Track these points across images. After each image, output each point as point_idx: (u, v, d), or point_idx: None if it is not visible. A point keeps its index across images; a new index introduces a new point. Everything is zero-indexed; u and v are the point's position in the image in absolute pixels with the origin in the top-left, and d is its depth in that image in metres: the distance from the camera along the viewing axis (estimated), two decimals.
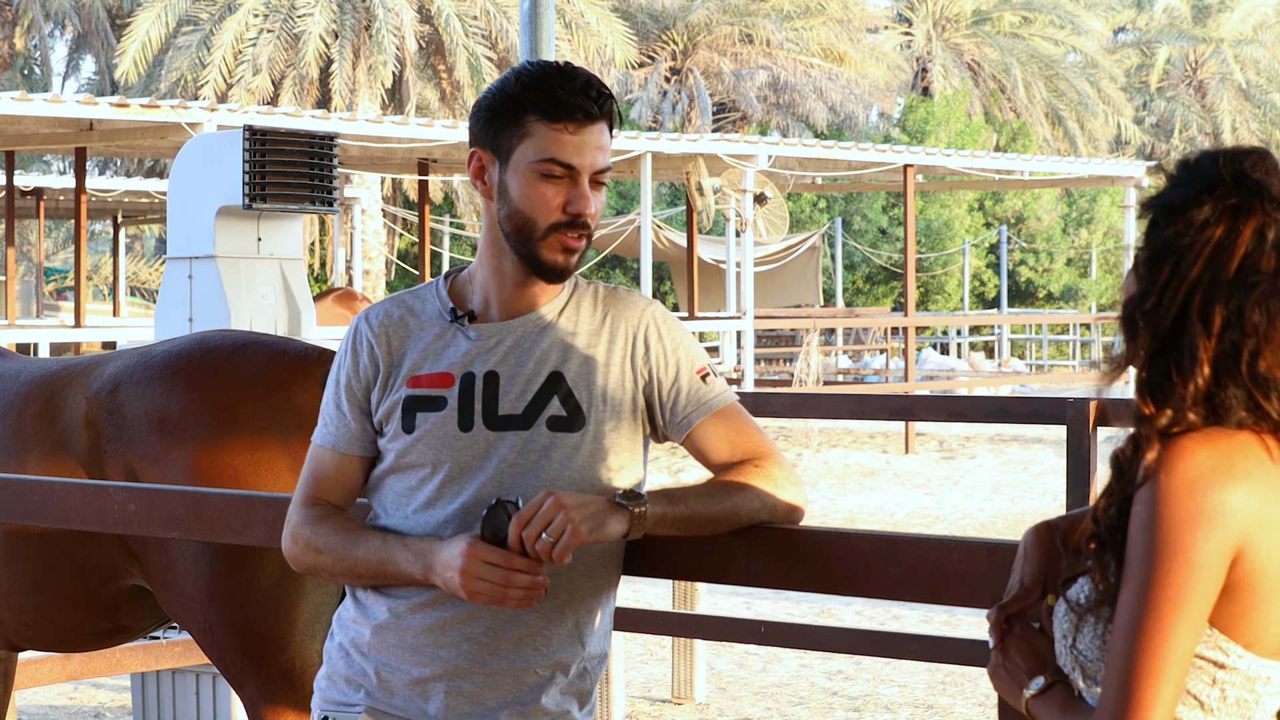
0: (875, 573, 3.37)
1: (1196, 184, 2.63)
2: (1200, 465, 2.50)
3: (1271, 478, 2.53)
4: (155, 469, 5.30)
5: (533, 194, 3.47)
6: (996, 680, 2.79)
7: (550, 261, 3.50)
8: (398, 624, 3.51)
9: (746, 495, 3.47)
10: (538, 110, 3.46)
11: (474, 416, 3.50)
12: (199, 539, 4.28)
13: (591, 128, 3.48)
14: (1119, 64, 60.46)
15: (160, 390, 5.37)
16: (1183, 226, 2.61)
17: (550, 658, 3.52)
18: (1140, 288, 2.64)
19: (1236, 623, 2.54)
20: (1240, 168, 2.63)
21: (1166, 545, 2.48)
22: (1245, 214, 2.59)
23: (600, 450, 3.52)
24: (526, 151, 3.47)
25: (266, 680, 5.31)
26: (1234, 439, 2.53)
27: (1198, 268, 2.58)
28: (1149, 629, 2.48)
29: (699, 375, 3.58)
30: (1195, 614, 2.48)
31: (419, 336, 3.57)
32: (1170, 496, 2.49)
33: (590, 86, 3.49)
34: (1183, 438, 2.53)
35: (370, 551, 3.48)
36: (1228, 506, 2.48)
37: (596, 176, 3.51)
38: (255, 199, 8.72)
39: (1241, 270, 2.57)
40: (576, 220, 3.48)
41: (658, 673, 11.24)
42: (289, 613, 5.31)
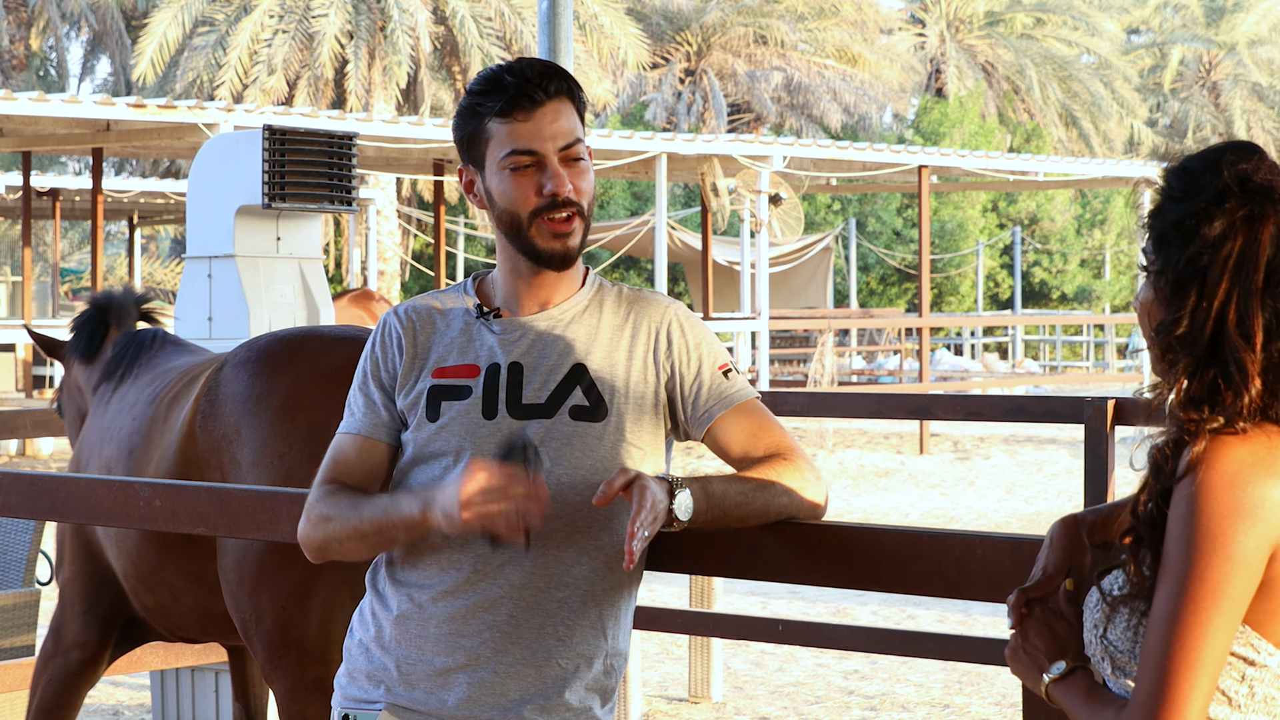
0: (900, 568, 3.39)
1: (1201, 196, 2.62)
2: (1241, 461, 2.51)
3: None
4: (230, 448, 5.49)
5: (509, 189, 3.54)
6: (1015, 663, 2.79)
7: (547, 249, 3.55)
8: (420, 614, 3.53)
9: (776, 491, 3.50)
10: (489, 111, 3.54)
11: (498, 405, 3.53)
12: (224, 535, 4.31)
13: (543, 109, 3.52)
14: (1132, 65, 60.39)
15: (248, 373, 5.59)
16: (1199, 246, 2.60)
17: (573, 649, 3.54)
18: (1169, 314, 2.63)
19: (1269, 620, 2.55)
20: (1243, 173, 2.62)
21: (1206, 539, 2.49)
22: (1260, 221, 2.59)
23: (622, 441, 3.55)
24: (494, 153, 3.54)
25: (299, 683, 5.39)
26: (1274, 436, 2.55)
27: (1225, 284, 2.58)
28: (1186, 622, 2.49)
29: (721, 371, 3.61)
30: (1233, 608, 2.49)
31: (445, 332, 3.62)
32: (1210, 491, 2.50)
33: (530, 71, 3.54)
34: (1223, 435, 2.54)
35: (376, 507, 3.49)
36: (1268, 502, 2.50)
37: (567, 153, 3.55)
38: (274, 198, 8.74)
39: (1270, 277, 2.58)
40: (555, 200, 3.52)
41: (674, 671, 11.25)
42: (327, 623, 5.38)
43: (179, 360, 6.22)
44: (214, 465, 5.55)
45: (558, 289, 3.63)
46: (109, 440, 6.02)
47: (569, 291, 3.64)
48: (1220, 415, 2.56)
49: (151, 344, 6.38)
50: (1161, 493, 2.60)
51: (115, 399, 6.17)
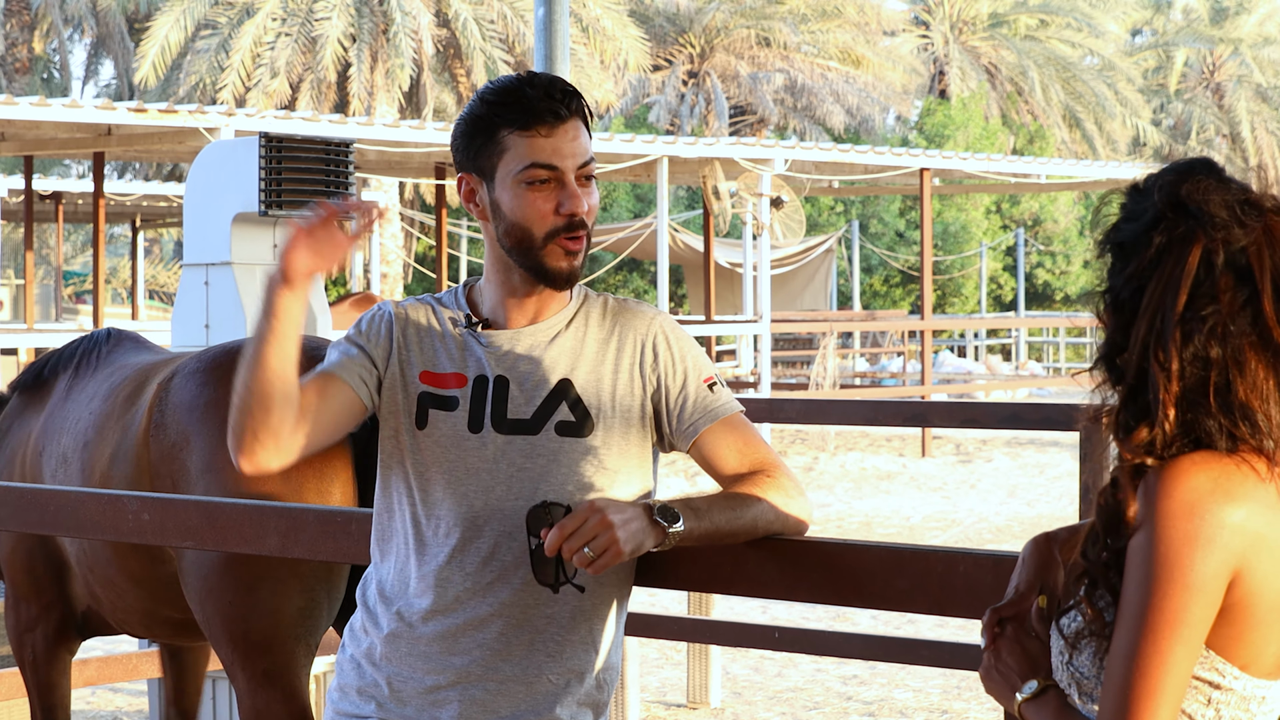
0: (882, 584, 3.39)
1: (1144, 216, 2.59)
2: (1198, 487, 2.49)
3: (1267, 499, 2.52)
4: (179, 456, 5.57)
5: (524, 204, 3.51)
6: (988, 682, 2.78)
7: (555, 269, 3.53)
8: (410, 633, 3.53)
9: (763, 507, 3.49)
10: (509, 123, 3.50)
11: (484, 419, 3.53)
12: (213, 549, 4.33)
13: (564, 127, 3.50)
14: (1136, 66, 60.37)
15: (197, 383, 5.64)
16: (1135, 268, 2.58)
17: (564, 664, 3.54)
18: (1108, 335, 2.62)
19: (1233, 644, 2.54)
20: (1177, 196, 2.58)
21: (1164, 568, 2.47)
22: (1189, 244, 2.55)
23: (608, 456, 3.55)
24: (509, 165, 3.51)
25: (252, 676, 5.50)
26: (1229, 461, 2.52)
27: (1151, 309, 2.56)
28: (1146, 651, 2.47)
29: (706, 384, 3.61)
30: (1193, 636, 2.48)
31: (433, 335, 3.61)
32: (1168, 518, 2.48)
33: (554, 88, 3.52)
34: (1180, 460, 2.52)
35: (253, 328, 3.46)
36: (1226, 528, 2.47)
37: (582, 172, 3.53)
38: (271, 205, 8.73)
39: (1192, 303, 2.54)
40: (572, 221, 3.51)
41: (673, 677, 11.26)
42: (274, 615, 5.48)
43: (137, 357, 6.30)
44: (165, 474, 5.63)
45: (548, 304, 3.62)
46: (67, 430, 6.12)
47: (557, 306, 3.63)
48: (1144, 454, 2.54)
49: (108, 340, 6.47)
50: (1112, 535, 2.60)
51: (75, 391, 6.26)
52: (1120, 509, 2.57)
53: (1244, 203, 2.59)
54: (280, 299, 3.40)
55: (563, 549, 3.29)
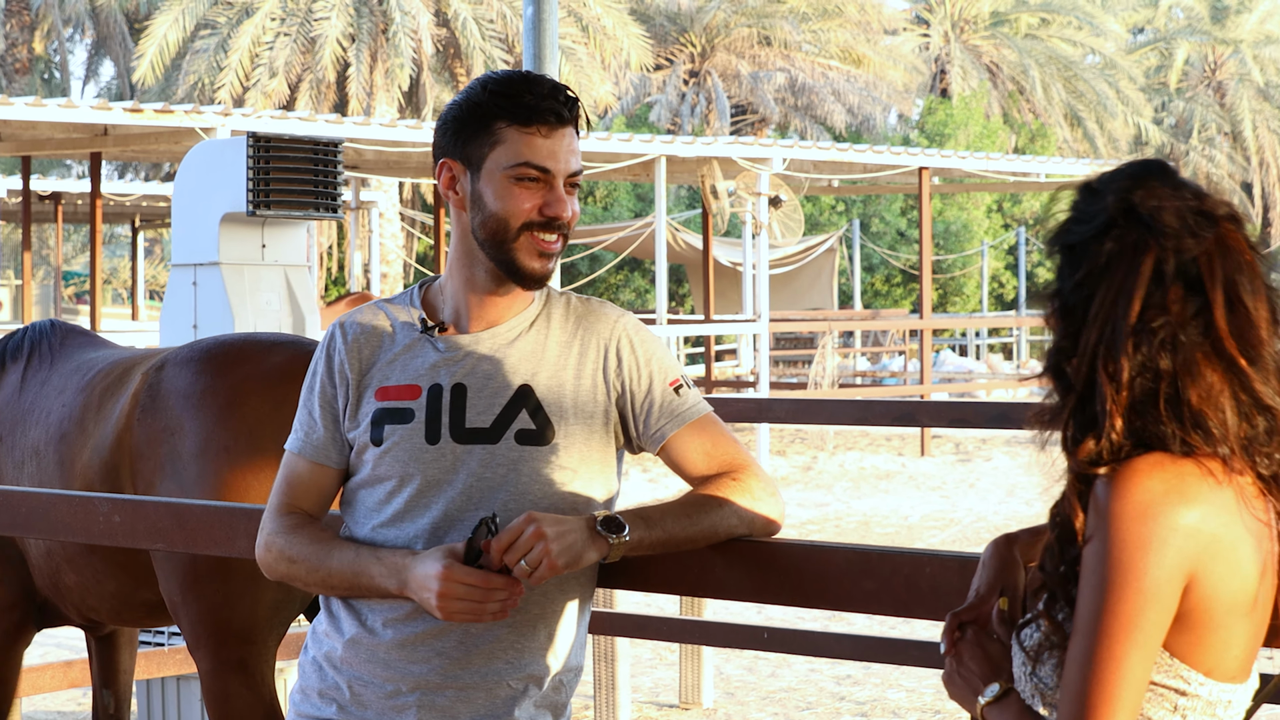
0: (849, 586, 3.36)
1: (1095, 220, 2.57)
2: (1151, 490, 2.46)
3: (1222, 502, 2.49)
4: (170, 440, 5.62)
5: (509, 199, 3.47)
6: (950, 687, 2.76)
7: (527, 267, 3.49)
8: (370, 639, 3.50)
9: (724, 512, 3.46)
10: (508, 116, 3.46)
11: (441, 429, 3.49)
12: (182, 550, 4.31)
13: (562, 131, 3.48)
14: (1137, 64, 60.34)
15: (194, 369, 5.72)
16: (1084, 273, 2.56)
17: (523, 670, 3.51)
18: (1055, 340, 2.60)
19: (1195, 650, 2.51)
20: (1130, 201, 2.56)
21: (1118, 572, 2.45)
22: (1142, 252, 2.53)
23: (570, 464, 3.51)
24: (499, 158, 3.46)
25: (223, 661, 5.56)
26: (1183, 464, 2.50)
27: (1101, 317, 2.53)
28: (1102, 656, 2.45)
29: (672, 387, 3.57)
30: (1148, 641, 2.45)
31: (389, 347, 3.57)
32: (1122, 522, 2.45)
33: (559, 91, 3.50)
34: (1134, 462, 2.49)
35: (344, 563, 3.46)
36: (1179, 531, 2.45)
37: (570, 180, 3.51)
38: (259, 206, 8.72)
39: (1143, 314, 2.51)
40: (552, 222, 3.48)
41: (666, 678, 11.24)
42: (253, 605, 5.53)
43: (100, 352, 6.31)
44: (149, 456, 5.66)
45: (510, 305, 3.57)
46: (35, 422, 6.11)
47: (519, 308, 3.59)
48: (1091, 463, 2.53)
49: (54, 331, 6.47)
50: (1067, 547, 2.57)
51: (33, 383, 6.25)
52: (1071, 521, 2.55)
53: (1196, 211, 2.56)
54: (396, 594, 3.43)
55: (505, 560, 3.29)
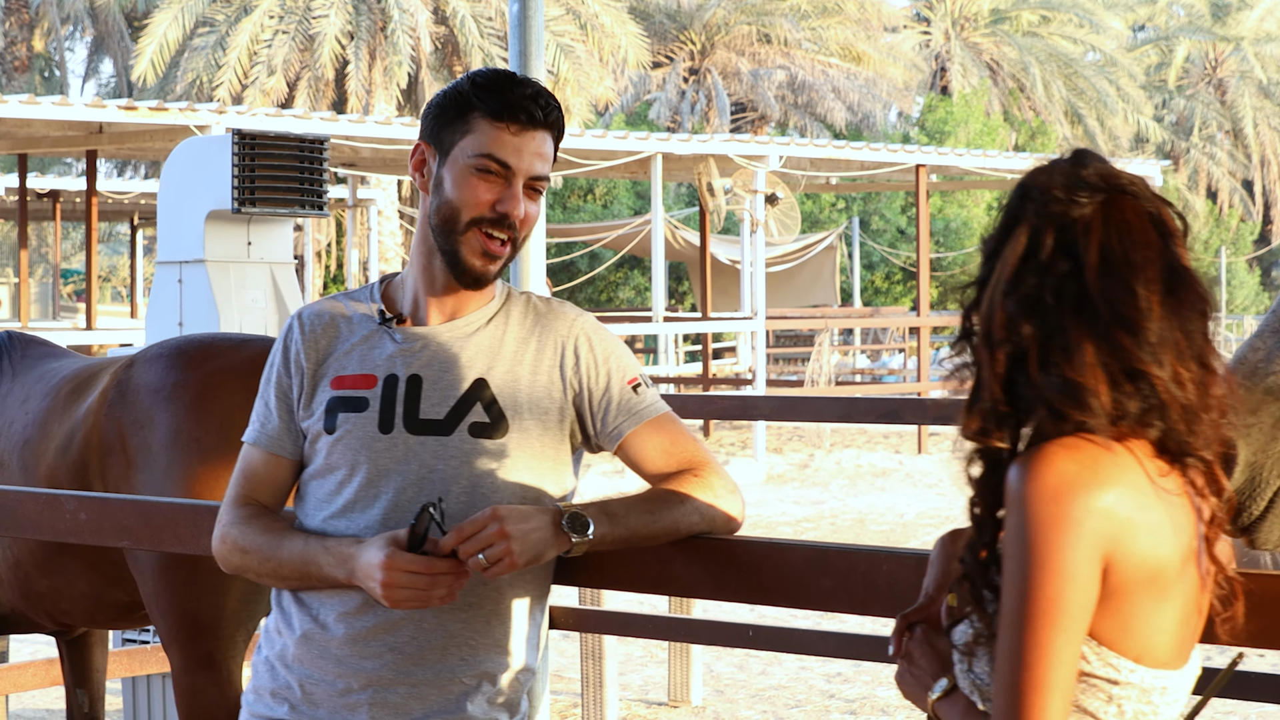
0: (807, 583, 3.36)
1: (1004, 212, 2.62)
2: (1064, 471, 2.45)
3: (1139, 483, 2.48)
4: (140, 433, 5.66)
5: (465, 187, 3.47)
6: (903, 685, 2.75)
7: (468, 263, 3.49)
8: (322, 635, 3.49)
9: (686, 509, 3.45)
10: (484, 108, 3.47)
11: (395, 419, 3.48)
12: (148, 548, 4.31)
13: (534, 133, 3.48)
14: (1138, 62, 60.34)
15: (161, 367, 5.77)
16: (985, 258, 2.61)
17: (477, 667, 3.49)
18: (961, 327, 2.65)
19: (1121, 636, 2.50)
20: (1024, 183, 2.61)
21: (1035, 554, 2.43)
22: (1021, 223, 2.57)
23: (523, 459, 3.50)
24: (467, 146, 3.47)
25: (192, 657, 5.59)
26: (1098, 445, 2.48)
27: (987, 290, 2.58)
28: (1027, 644, 2.44)
29: (630, 385, 3.56)
30: (1072, 625, 2.44)
31: (347, 338, 3.57)
32: (1035, 503, 2.44)
33: (540, 95, 3.50)
34: (1046, 446, 2.48)
35: (294, 553, 3.46)
36: (1094, 513, 2.43)
37: (532, 183, 3.50)
38: (244, 203, 8.71)
39: (1013, 280, 2.54)
40: (503, 220, 3.47)
41: (656, 675, 11.23)
42: (220, 599, 5.56)
43: (63, 361, 6.36)
44: (118, 449, 5.69)
45: (468, 301, 3.57)
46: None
47: (478, 304, 3.58)
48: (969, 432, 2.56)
49: (12, 344, 6.50)
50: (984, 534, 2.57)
51: None
52: (983, 509, 2.56)
53: (1083, 181, 2.58)
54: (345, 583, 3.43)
55: (459, 552, 3.27)
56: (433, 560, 3.29)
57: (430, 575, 3.29)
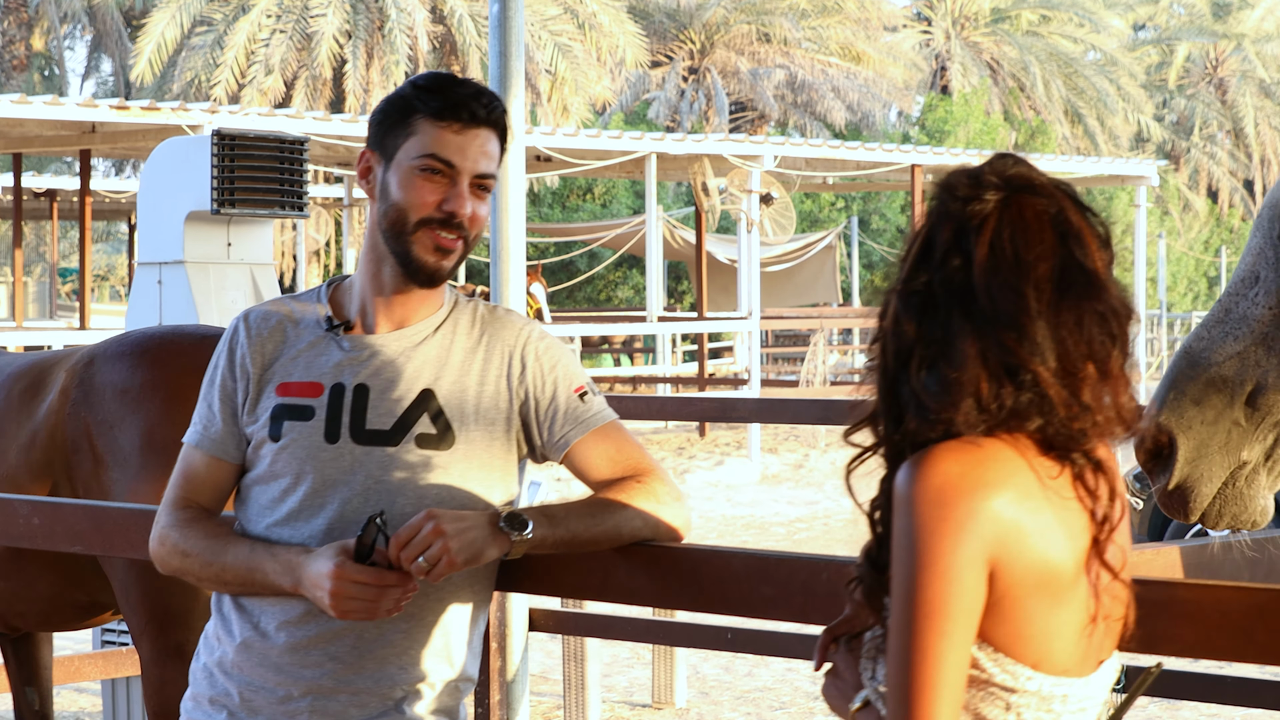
0: (748, 591, 3.35)
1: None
2: (948, 474, 2.43)
3: (1025, 485, 2.46)
4: (110, 433, 5.61)
5: (411, 189, 3.46)
6: (828, 698, 2.73)
7: (421, 261, 3.47)
8: (262, 642, 3.47)
9: (628, 514, 3.44)
10: (425, 109, 3.46)
11: (341, 429, 3.47)
12: (100, 553, 4.29)
13: (477, 131, 3.48)
14: (1138, 61, 60.31)
15: (127, 365, 5.69)
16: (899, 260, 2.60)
17: (416, 676, 3.48)
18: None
19: (1016, 642, 2.48)
20: (937, 184, 2.59)
21: (920, 557, 2.42)
22: (926, 219, 2.55)
23: (469, 469, 3.48)
24: (411, 148, 3.46)
25: (162, 649, 5.56)
26: (986, 447, 2.46)
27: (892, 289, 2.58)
28: (915, 647, 2.42)
29: (577, 394, 3.55)
30: (957, 628, 2.42)
31: (293, 343, 3.55)
32: (921, 507, 2.42)
33: (482, 94, 3.50)
34: (933, 448, 2.46)
35: (239, 559, 3.44)
36: (978, 515, 2.42)
37: (478, 182, 3.49)
38: (223, 204, 8.69)
39: (907, 278, 2.53)
40: (450, 219, 3.46)
41: (641, 677, 11.21)
42: (193, 590, 5.46)
43: (4, 358, 6.28)
44: (85, 449, 5.65)
45: (416, 308, 3.56)
46: None
47: (427, 311, 3.57)
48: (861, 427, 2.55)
49: None
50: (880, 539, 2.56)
51: None
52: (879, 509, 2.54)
53: (985, 180, 2.55)
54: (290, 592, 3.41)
55: (401, 558, 3.26)
56: (382, 572, 3.28)
57: (379, 586, 3.28)
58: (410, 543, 3.26)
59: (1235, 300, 3.45)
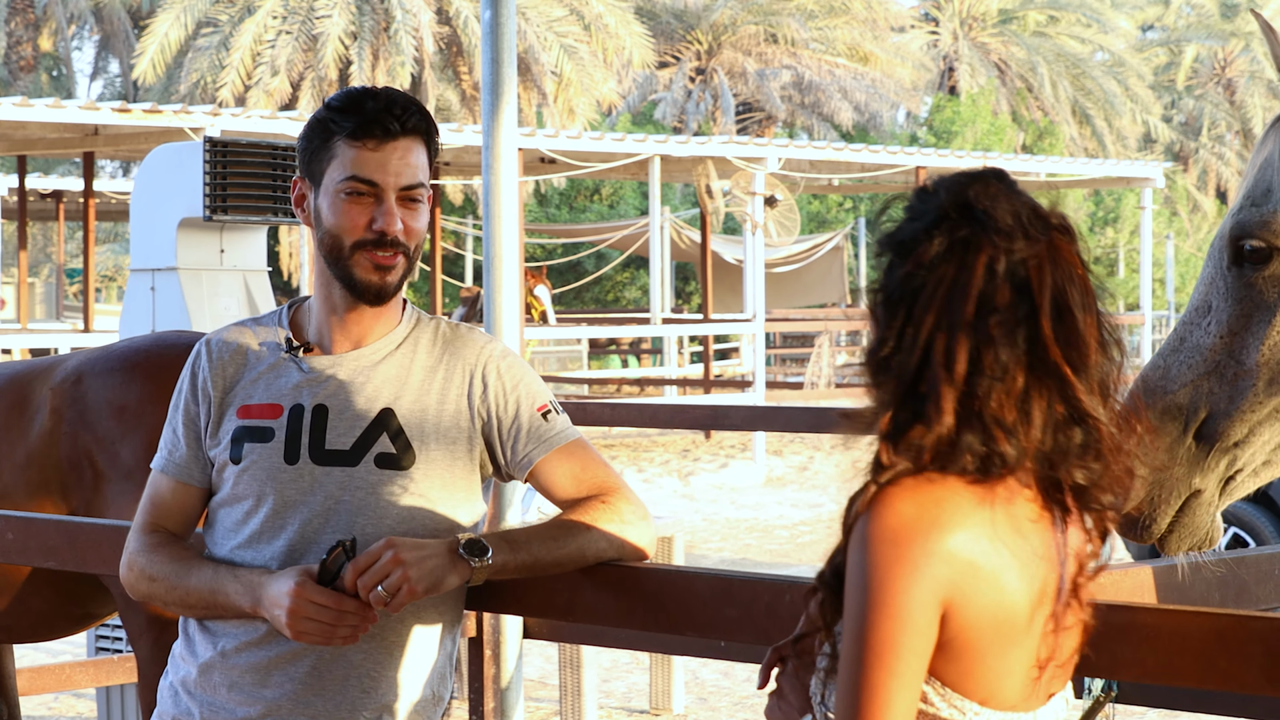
0: (712, 613, 3.34)
1: (926, 217, 2.52)
2: (904, 514, 2.41)
3: (982, 527, 2.44)
4: (109, 450, 5.57)
5: (339, 214, 3.46)
6: (770, 718, 2.72)
7: (364, 281, 3.47)
8: (223, 663, 3.47)
9: (592, 535, 3.42)
10: (341, 131, 3.45)
11: (300, 449, 3.46)
12: (73, 569, 4.29)
13: (394, 144, 3.45)
14: (1146, 62, 60.23)
15: (119, 381, 5.64)
16: (914, 266, 2.50)
17: (378, 700, 3.47)
18: (878, 334, 2.54)
19: (966, 679, 2.46)
20: (965, 198, 2.52)
21: (872, 597, 2.40)
22: (974, 249, 2.48)
23: (430, 489, 3.47)
24: (334, 173, 3.46)
25: (162, 649, 5.50)
26: (943, 486, 2.44)
27: (934, 311, 2.48)
28: (864, 685, 2.40)
29: (540, 413, 3.53)
30: (907, 669, 2.40)
31: (254, 366, 3.54)
32: (874, 544, 2.40)
33: (394, 104, 3.47)
34: (891, 486, 2.43)
35: (202, 581, 3.44)
36: (933, 557, 2.40)
37: (406, 194, 3.47)
38: (216, 210, 8.69)
39: (980, 309, 2.46)
40: (382, 238, 3.44)
41: (640, 683, 11.19)
42: None
43: None
44: (85, 467, 5.62)
45: (373, 326, 3.54)
46: None
47: (384, 330, 3.55)
48: (906, 456, 2.45)
49: None
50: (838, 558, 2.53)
51: None
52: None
53: (1031, 214, 2.52)
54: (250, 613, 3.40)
55: (359, 586, 3.24)
56: (341, 597, 3.26)
57: (338, 610, 3.26)
58: (369, 570, 3.24)
59: (1189, 329, 3.48)
